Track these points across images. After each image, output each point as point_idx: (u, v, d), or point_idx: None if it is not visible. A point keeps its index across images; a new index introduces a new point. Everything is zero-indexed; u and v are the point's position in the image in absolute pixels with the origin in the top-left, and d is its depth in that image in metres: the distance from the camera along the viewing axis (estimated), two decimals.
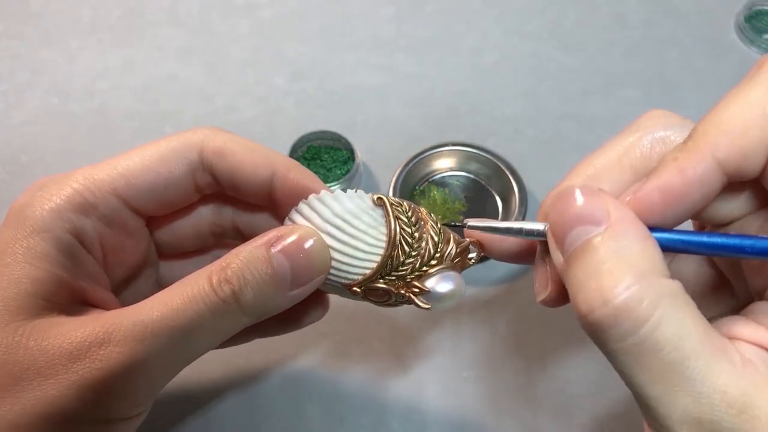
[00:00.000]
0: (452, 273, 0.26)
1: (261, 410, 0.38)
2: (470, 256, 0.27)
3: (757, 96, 0.20)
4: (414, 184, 0.45)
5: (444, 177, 0.45)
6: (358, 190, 0.27)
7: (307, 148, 0.46)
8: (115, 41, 0.54)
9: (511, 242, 0.26)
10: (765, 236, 0.21)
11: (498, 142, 0.46)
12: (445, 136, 0.46)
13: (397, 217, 0.25)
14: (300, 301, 0.25)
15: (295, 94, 0.50)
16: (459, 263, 0.26)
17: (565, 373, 0.39)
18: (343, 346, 0.40)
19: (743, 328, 0.21)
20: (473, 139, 0.46)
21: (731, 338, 0.20)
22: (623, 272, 0.19)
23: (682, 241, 0.21)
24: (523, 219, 0.42)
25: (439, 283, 0.26)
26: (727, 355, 0.19)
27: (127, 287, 0.29)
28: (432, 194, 0.44)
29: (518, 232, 0.23)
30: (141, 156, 0.26)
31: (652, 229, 0.21)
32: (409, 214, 0.26)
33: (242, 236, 0.30)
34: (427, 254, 0.25)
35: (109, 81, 0.51)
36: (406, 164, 0.44)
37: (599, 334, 0.19)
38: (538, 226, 0.23)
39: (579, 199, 0.20)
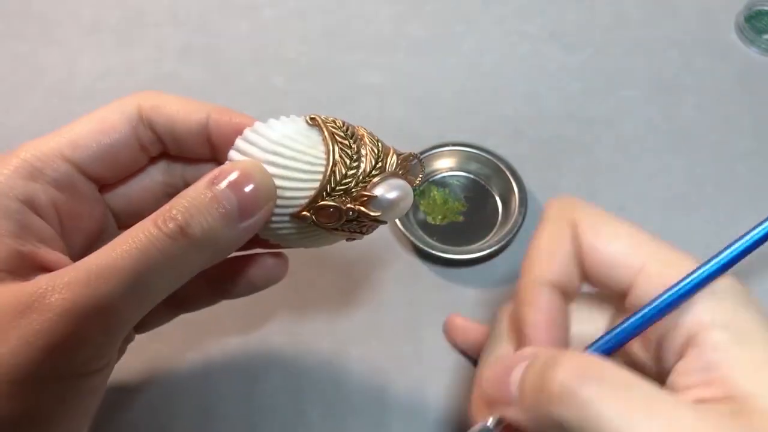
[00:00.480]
0: (397, 179, 0.26)
1: (260, 410, 0.38)
2: (417, 177, 0.28)
3: (547, 234, 0.27)
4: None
5: (444, 177, 0.45)
6: (291, 115, 0.27)
7: None
8: (115, 41, 0.54)
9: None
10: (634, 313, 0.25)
11: (498, 142, 0.46)
12: (445, 136, 0.46)
13: (332, 133, 0.26)
14: (253, 234, 0.25)
15: (295, 94, 0.50)
16: (403, 175, 0.27)
17: None
18: (343, 346, 0.40)
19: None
20: (473, 139, 0.46)
21: None
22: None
23: (606, 342, 0.25)
24: (523, 219, 0.42)
25: (387, 190, 0.26)
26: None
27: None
28: (432, 194, 0.44)
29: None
30: (84, 121, 0.27)
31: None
32: (345, 128, 0.26)
33: None
34: (368, 165, 0.26)
35: (110, 81, 0.51)
36: None
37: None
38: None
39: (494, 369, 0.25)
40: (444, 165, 0.45)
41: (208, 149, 0.29)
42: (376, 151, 0.26)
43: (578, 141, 0.47)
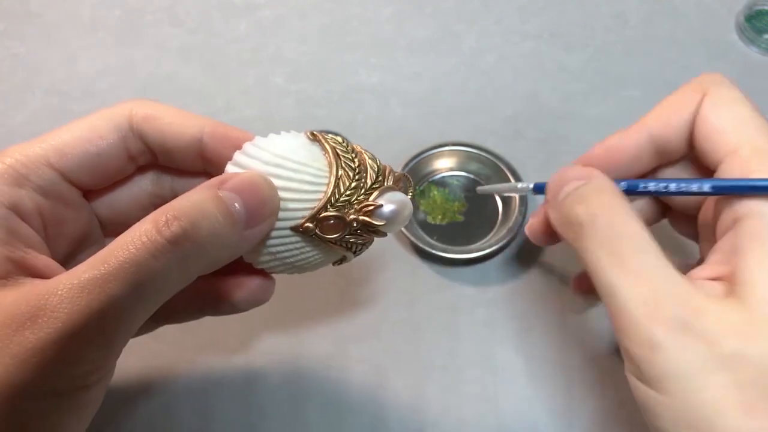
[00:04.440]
0: (396, 192, 0.27)
1: (260, 410, 0.38)
2: (410, 190, 0.28)
3: (676, 96, 0.28)
4: (414, 184, 0.45)
5: (444, 177, 0.45)
6: (291, 131, 0.27)
7: None
8: (115, 41, 0.53)
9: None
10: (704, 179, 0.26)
11: (498, 142, 0.46)
12: (445, 136, 0.46)
13: (334, 148, 0.26)
14: (255, 244, 0.25)
15: (295, 94, 0.50)
16: (396, 184, 0.27)
17: (567, 373, 0.39)
18: (343, 346, 0.40)
19: (698, 271, 0.25)
20: (473, 139, 0.46)
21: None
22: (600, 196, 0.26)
23: (641, 186, 0.28)
24: (523, 219, 0.42)
25: (389, 202, 0.26)
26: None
27: (73, 261, 0.29)
28: (432, 194, 0.44)
29: (513, 189, 0.37)
30: (72, 128, 0.26)
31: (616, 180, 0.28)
32: (345, 144, 0.27)
33: None
34: (369, 178, 0.26)
35: (109, 81, 0.51)
36: (406, 164, 0.44)
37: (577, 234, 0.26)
38: (526, 184, 0.33)
39: (572, 169, 0.29)
40: (444, 165, 0.45)
41: (200, 163, 0.28)
42: (375, 167, 0.27)
43: (578, 141, 0.47)
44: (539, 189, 0.31)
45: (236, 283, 0.28)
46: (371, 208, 0.26)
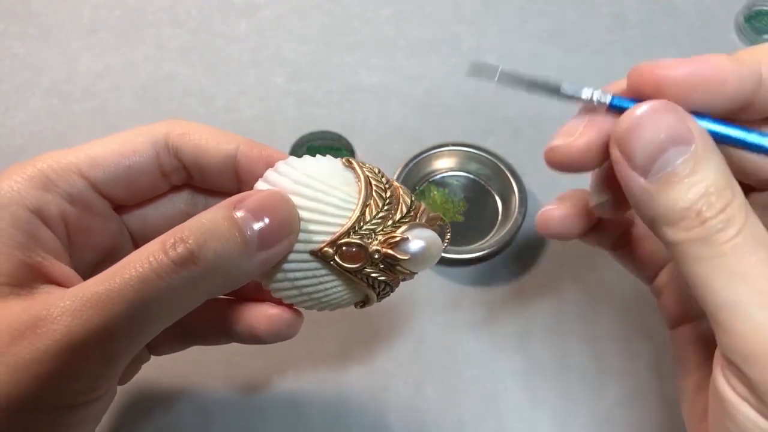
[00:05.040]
0: (427, 229, 0.25)
1: (261, 411, 0.38)
2: (447, 236, 0.26)
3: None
4: (414, 184, 0.45)
5: (444, 177, 0.45)
6: (327, 156, 0.26)
7: (307, 148, 0.46)
8: (115, 41, 0.54)
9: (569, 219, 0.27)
10: None
11: (498, 142, 0.46)
12: (445, 136, 0.46)
13: (367, 176, 0.25)
14: (270, 267, 0.24)
15: (295, 94, 0.50)
16: (430, 223, 0.26)
17: (566, 373, 0.39)
18: (343, 346, 0.40)
19: None
20: (473, 139, 0.46)
21: None
22: (716, 200, 0.20)
23: (727, 136, 0.22)
24: (523, 219, 0.41)
25: (417, 237, 0.24)
26: None
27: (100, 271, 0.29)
28: (432, 194, 0.44)
29: (555, 90, 0.23)
30: (107, 141, 0.26)
31: (698, 116, 0.21)
32: (380, 175, 0.25)
33: None
34: (399, 212, 0.25)
35: (110, 81, 0.51)
36: (406, 164, 0.44)
37: (688, 252, 0.20)
38: (605, 98, 0.22)
39: (668, 119, 0.21)
40: (444, 165, 0.45)
41: (234, 182, 0.27)
42: (408, 201, 0.25)
43: None
44: (618, 106, 0.22)
45: (263, 315, 0.27)
46: (396, 239, 0.24)
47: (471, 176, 0.45)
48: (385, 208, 0.24)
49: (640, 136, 0.21)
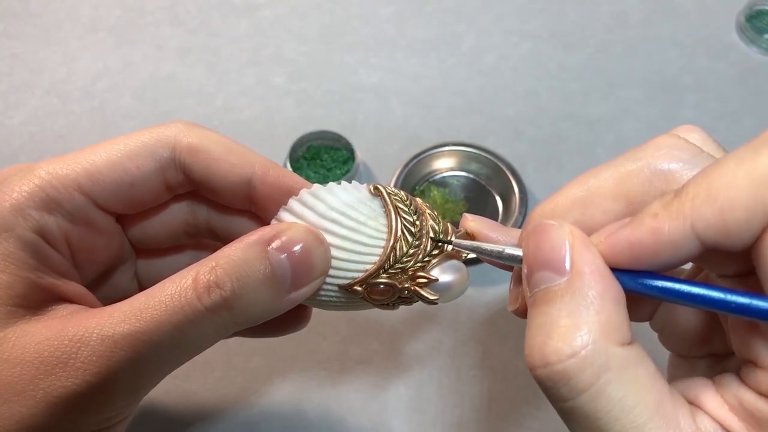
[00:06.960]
0: (456, 261, 0.25)
1: (261, 410, 0.38)
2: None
3: (755, 169, 0.17)
4: (414, 184, 0.45)
5: (444, 177, 0.45)
6: (353, 181, 0.25)
7: (306, 148, 0.46)
8: (114, 41, 0.53)
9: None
10: (754, 294, 0.18)
11: (498, 142, 0.46)
12: (445, 136, 0.46)
13: (396, 206, 0.24)
14: (296, 304, 0.24)
15: (295, 94, 0.50)
16: (458, 253, 0.25)
17: None
18: (343, 346, 0.40)
19: (709, 400, 0.19)
20: (473, 139, 0.46)
21: (695, 406, 0.19)
22: (572, 336, 0.18)
23: (653, 287, 0.19)
24: (523, 219, 0.41)
25: (445, 272, 0.24)
26: (677, 430, 0.18)
27: (104, 283, 0.28)
28: (432, 194, 0.44)
29: (499, 255, 0.22)
30: (108, 150, 0.25)
31: (624, 271, 0.19)
32: (408, 203, 0.25)
33: (218, 238, 0.29)
34: (428, 242, 0.24)
35: (109, 81, 0.51)
36: (406, 164, 0.44)
37: (542, 388, 0.19)
38: (518, 252, 0.22)
39: (547, 241, 0.19)
40: (444, 165, 0.45)
41: (246, 202, 0.27)
42: (436, 227, 0.24)
43: (578, 141, 0.47)
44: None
45: (287, 319, 0.27)
46: (425, 281, 0.24)
47: (471, 176, 0.45)
48: (416, 242, 0.24)
49: (528, 247, 0.20)
